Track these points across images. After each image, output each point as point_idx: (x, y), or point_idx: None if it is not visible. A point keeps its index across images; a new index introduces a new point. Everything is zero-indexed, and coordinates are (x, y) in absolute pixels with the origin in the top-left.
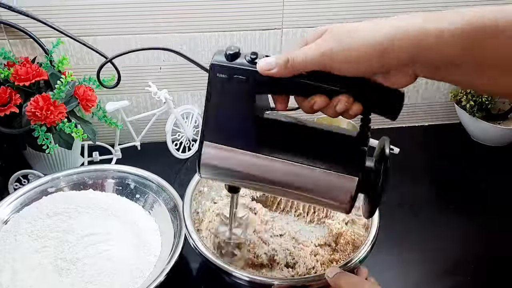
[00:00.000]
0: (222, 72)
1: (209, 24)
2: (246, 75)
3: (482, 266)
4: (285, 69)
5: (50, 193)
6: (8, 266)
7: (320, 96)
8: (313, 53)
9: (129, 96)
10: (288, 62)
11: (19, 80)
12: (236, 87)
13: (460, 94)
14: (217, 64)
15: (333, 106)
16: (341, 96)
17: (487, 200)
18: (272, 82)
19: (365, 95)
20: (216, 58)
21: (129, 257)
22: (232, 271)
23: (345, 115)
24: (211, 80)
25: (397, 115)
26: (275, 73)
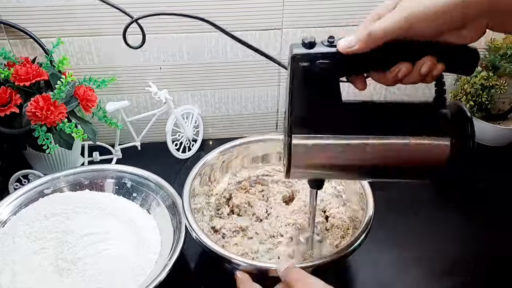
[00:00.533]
0: (304, 60)
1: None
2: (328, 58)
3: (481, 266)
4: (367, 42)
5: (46, 194)
6: (8, 268)
7: (404, 63)
8: (396, 20)
9: (129, 96)
10: (370, 34)
11: (19, 80)
12: (320, 73)
13: (460, 94)
14: (298, 54)
15: (417, 70)
16: (425, 58)
17: (486, 200)
18: (354, 60)
19: (447, 54)
20: (295, 49)
21: (130, 256)
22: (232, 258)
23: (428, 77)
24: (293, 71)
25: (474, 71)
26: (357, 49)
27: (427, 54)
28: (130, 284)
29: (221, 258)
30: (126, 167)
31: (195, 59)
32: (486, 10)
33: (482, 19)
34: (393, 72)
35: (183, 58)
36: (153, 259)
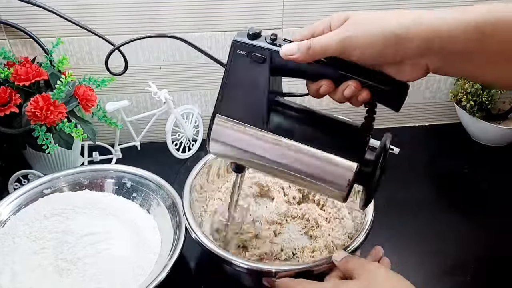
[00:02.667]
0: (243, 49)
1: (209, 24)
2: (265, 54)
3: (482, 267)
4: (306, 55)
5: (46, 194)
6: (8, 268)
7: (326, 80)
8: (334, 40)
9: (129, 96)
10: (309, 48)
11: (19, 80)
12: (254, 65)
13: (460, 94)
14: (239, 41)
15: (341, 91)
16: (350, 81)
17: (487, 200)
18: (286, 65)
19: (374, 83)
20: (238, 36)
21: (130, 255)
22: (233, 260)
23: (353, 101)
24: (231, 56)
25: (401, 106)
26: (296, 58)
27: (353, 78)
28: (130, 284)
29: (220, 259)
30: (126, 167)
31: (195, 59)
32: (422, 50)
33: (420, 59)
34: (316, 86)
35: (183, 58)
36: (153, 259)
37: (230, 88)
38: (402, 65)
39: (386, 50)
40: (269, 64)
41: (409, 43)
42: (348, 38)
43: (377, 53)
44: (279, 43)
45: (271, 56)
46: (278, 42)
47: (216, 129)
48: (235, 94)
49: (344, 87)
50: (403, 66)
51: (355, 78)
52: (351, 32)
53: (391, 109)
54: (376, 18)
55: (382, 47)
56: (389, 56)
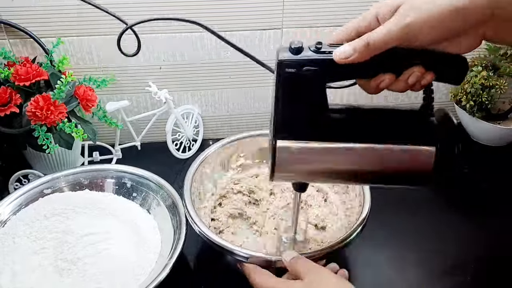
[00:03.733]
0: (291, 67)
1: (209, 24)
2: (316, 65)
3: (482, 266)
4: (365, 53)
5: (46, 194)
6: (8, 268)
7: (387, 74)
8: (395, 30)
9: (129, 96)
10: (368, 45)
11: (19, 80)
12: (307, 79)
13: (460, 94)
14: (285, 60)
15: (403, 80)
16: (414, 68)
17: (487, 200)
18: (341, 68)
19: (436, 64)
20: (282, 54)
21: (130, 255)
22: (234, 249)
23: (416, 86)
24: (280, 76)
25: (462, 80)
26: (353, 59)
27: (416, 64)
28: (131, 283)
29: (225, 250)
30: (126, 167)
31: (195, 59)
32: (486, 19)
33: (480, 28)
34: (376, 81)
35: (183, 58)
36: (153, 259)
37: (286, 108)
38: (459, 38)
39: (449, 26)
40: (323, 73)
41: (470, 14)
42: (412, 24)
43: (441, 31)
44: (327, 49)
45: (324, 65)
46: (325, 49)
47: (280, 156)
48: (292, 113)
49: (407, 75)
50: (460, 39)
51: (418, 64)
52: (412, 17)
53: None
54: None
55: (446, 24)
56: (451, 31)
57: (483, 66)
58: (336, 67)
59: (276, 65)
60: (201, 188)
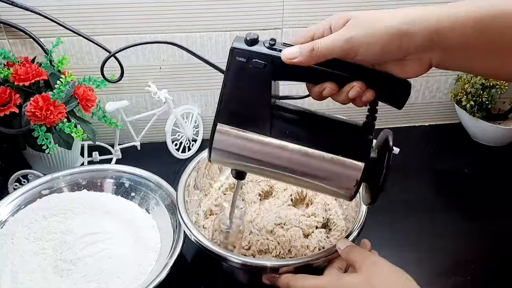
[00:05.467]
0: (242, 56)
1: (209, 24)
2: (265, 59)
3: (482, 266)
4: (309, 57)
5: (45, 194)
6: (7, 269)
7: (330, 83)
8: (339, 41)
9: (129, 96)
10: (313, 50)
11: (18, 80)
12: (254, 71)
13: (460, 94)
14: (237, 48)
15: (345, 92)
16: (355, 83)
17: (487, 200)
18: (288, 68)
19: (378, 82)
20: (236, 43)
21: (130, 255)
22: (231, 257)
23: (356, 101)
24: (230, 63)
25: (404, 104)
26: (298, 62)
27: (358, 79)
28: (131, 283)
29: (217, 256)
30: (124, 166)
31: (195, 59)
32: (426, 45)
33: (424, 54)
34: (319, 88)
35: (183, 58)
36: (153, 258)
37: (231, 95)
38: (405, 61)
39: (391, 46)
40: (270, 69)
41: (414, 38)
42: (353, 38)
43: (382, 51)
44: (278, 47)
45: (272, 62)
46: (278, 46)
47: (218, 138)
48: (236, 101)
49: (348, 89)
50: (406, 62)
51: (360, 79)
52: (355, 32)
53: (394, 107)
54: (379, 16)
55: (388, 44)
56: (393, 53)
57: None
58: (283, 66)
59: (229, 52)
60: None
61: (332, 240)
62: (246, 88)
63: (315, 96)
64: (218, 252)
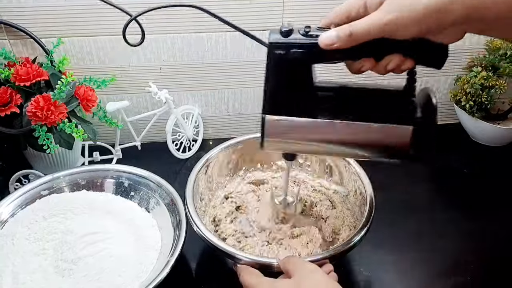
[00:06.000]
0: (280, 49)
1: (209, 24)
2: (303, 48)
3: (482, 266)
4: (347, 42)
5: (46, 195)
6: (8, 270)
7: (368, 59)
8: (377, 24)
9: (130, 96)
10: (351, 35)
11: (19, 80)
12: (294, 61)
13: (459, 94)
14: (275, 42)
15: (384, 65)
16: (392, 56)
17: (486, 200)
18: (326, 53)
19: (415, 51)
20: (272, 36)
21: (131, 254)
22: (235, 254)
23: (396, 70)
24: (270, 57)
25: (443, 65)
26: (337, 47)
27: (396, 51)
28: (133, 282)
29: (223, 253)
30: (124, 166)
31: (195, 59)
32: (464, 18)
33: (460, 26)
34: (358, 65)
35: (183, 58)
36: (154, 257)
37: (274, 87)
38: (441, 33)
39: (428, 25)
40: (309, 56)
41: (452, 13)
42: (392, 22)
43: (419, 30)
44: (315, 33)
45: (310, 49)
46: (313, 32)
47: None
48: (280, 92)
49: (386, 62)
50: (442, 33)
51: (397, 51)
52: (394, 14)
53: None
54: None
55: (425, 23)
56: (432, 29)
57: (482, 66)
58: (321, 51)
59: (268, 47)
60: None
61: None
62: (289, 77)
63: (354, 71)
64: (222, 247)
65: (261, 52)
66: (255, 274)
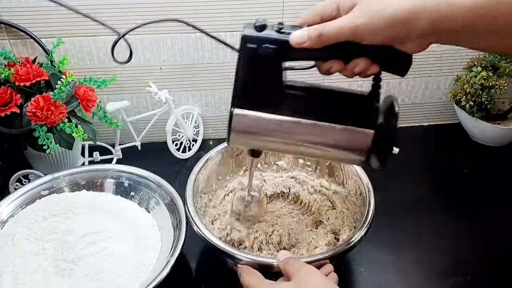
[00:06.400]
0: (252, 42)
1: (209, 24)
2: (275, 44)
3: (481, 266)
4: (317, 42)
5: (46, 195)
6: (8, 270)
7: (337, 61)
8: (347, 27)
9: (130, 96)
10: (321, 35)
11: (19, 80)
12: (265, 56)
13: (459, 94)
14: (248, 35)
15: (351, 69)
16: (360, 60)
17: (487, 200)
18: (297, 51)
19: (381, 57)
20: (246, 30)
21: (131, 253)
22: (235, 254)
23: (362, 75)
24: (241, 50)
25: (406, 73)
26: (307, 46)
27: (362, 56)
28: (132, 281)
29: (223, 253)
30: (124, 166)
31: (195, 59)
32: (431, 29)
33: (426, 38)
34: (327, 66)
35: (183, 58)
36: (154, 257)
37: (244, 81)
38: (407, 42)
39: (398, 32)
40: (280, 53)
41: (419, 24)
42: (362, 25)
43: (386, 38)
44: (287, 31)
45: (281, 45)
46: (286, 29)
47: (236, 121)
48: (250, 86)
49: (354, 65)
50: (408, 43)
51: (364, 56)
52: (364, 19)
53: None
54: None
55: (392, 31)
56: (400, 37)
57: (482, 66)
58: (292, 49)
59: (240, 40)
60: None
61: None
62: (259, 72)
63: (323, 72)
64: (227, 250)
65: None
66: (256, 275)
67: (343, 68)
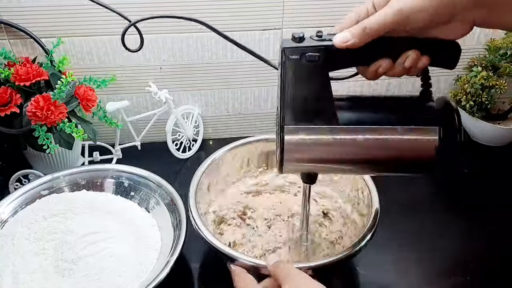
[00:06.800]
0: (295, 54)
1: (209, 24)
2: (318, 51)
3: (481, 266)
4: (362, 37)
5: (46, 194)
6: (8, 270)
7: (384, 59)
8: (389, 14)
9: (130, 96)
10: (365, 29)
11: (19, 80)
12: (309, 66)
13: (460, 94)
14: (288, 47)
15: (401, 64)
16: (410, 52)
17: (487, 200)
18: (341, 55)
19: (430, 48)
20: (284, 43)
21: (131, 253)
22: (237, 257)
23: (411, 70)
24: (284, 64)
25: (456, 64)
26: (352, 44)
27: (412, 48)
28: (133, 281)
29: (225, 256)
30: (124, 166)
31: (195, 59)
32: (472, 3)
33: (469, 13)
34: (374, 67)
35: (183, 58)
36: (154, 256)
37: (291, 96)
38: (450, 24)
39: (439, 10)
40: (325, 60)
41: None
42: (404, 9)
43: (431, 16)
44: (327, 37)
45: (325, 51)
46: (326, 37)
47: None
48: (298, 100)
49: (404, 60)
50: (450, 25)
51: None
52: (403, 3)
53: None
54: None
55: (437, 6)
56: (441, 16)
57: (482, 66)
58: (337, 54)
59: (280, 53)
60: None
61: None
62: (305, 84)
63: (370, 76)
64: (227, 253)
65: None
66: (249, 280)
67: (391, 67)
